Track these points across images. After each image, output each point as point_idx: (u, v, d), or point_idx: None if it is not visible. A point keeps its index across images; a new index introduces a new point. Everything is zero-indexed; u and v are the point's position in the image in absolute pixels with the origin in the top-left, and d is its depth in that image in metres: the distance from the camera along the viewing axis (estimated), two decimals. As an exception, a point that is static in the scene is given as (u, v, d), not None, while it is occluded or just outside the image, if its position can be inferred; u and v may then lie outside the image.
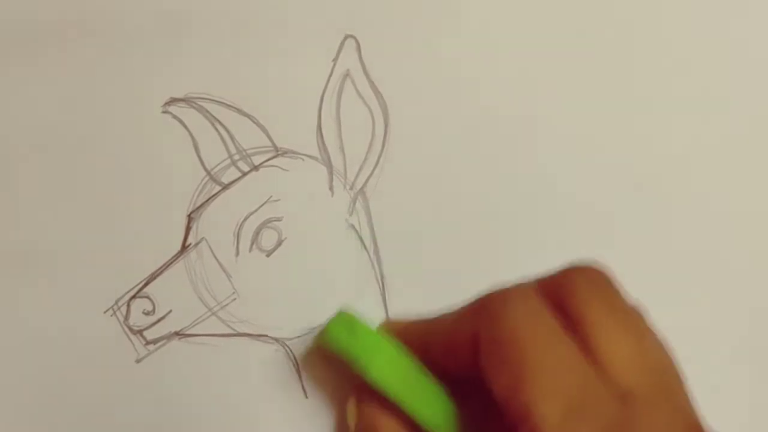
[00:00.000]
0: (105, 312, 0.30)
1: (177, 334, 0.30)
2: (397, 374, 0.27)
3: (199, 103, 0.31)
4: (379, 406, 0.27)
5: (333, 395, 0.30)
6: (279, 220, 0.31)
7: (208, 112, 0.31)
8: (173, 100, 0.31)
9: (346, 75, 0.32)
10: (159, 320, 0.30)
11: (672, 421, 0.23)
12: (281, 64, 0.32)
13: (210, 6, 0.32)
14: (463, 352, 0.26)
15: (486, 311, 0.25)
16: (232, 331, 0.30)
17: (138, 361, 0.30)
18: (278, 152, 0.31)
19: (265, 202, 0.31)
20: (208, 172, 0.31)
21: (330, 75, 0.32)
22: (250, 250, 0.31)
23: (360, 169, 0.32)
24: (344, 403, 0.29)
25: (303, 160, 0.31)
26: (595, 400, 0.23)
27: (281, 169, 0.31)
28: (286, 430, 0.30)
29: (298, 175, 0.31)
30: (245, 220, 0.31)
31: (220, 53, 0.32)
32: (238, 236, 0.31)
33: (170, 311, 0.30)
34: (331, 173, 0.32)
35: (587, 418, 0.23)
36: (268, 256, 0.31)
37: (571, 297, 0.25)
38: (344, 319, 0.28)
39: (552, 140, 0.32)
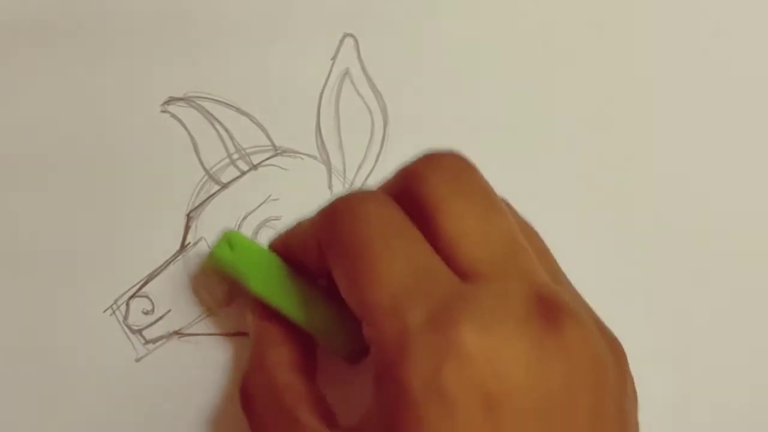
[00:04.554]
0: (104, 311, 0.30)
1: (176, 333, 0.30)
2: (275, 283, 0.27)
3: (198, 102, 0.31)
4: (268, 315, 0.28)
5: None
6: (278, 219, 0.31)
7: (207, 111, 0.31)
8: (172, 99, 0.31)
9: (345, 74, 0.32)
10: (158, 319, 0.30)
11: (512, 290, 0.22)
12: (280, 63, 0.32)
13: (209, 5, 0.32)
14: (317, 258, 0.26)
15: (326, 214, 0.25)
16: (231, 330, 0.30)
17: (137, 360, 0.30)
18: (277, 151, 0.31)
19: (264, 202, 0.31)
20: (207, 172, 0.31)
21: (329, 74, 0.32)
22: (250, 249, 0.31)
23: (359, 168, 0.32)
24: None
25: (302, 159, 0.31)
26: (431, 280, 0.23)
27: (280, 168, 0.31)
28: (286, 428, 0.30)
29: (297, 174, 0.31)
30: (244, 219, 0.31)
31: (218, 52, 0.32)
32: (237, 235, 0.31)
33: (169, 310, 0.30)
34: (330, 172, 0.32)
35: (418, 300, 0.22)
36: (267, 255, 0.31)
37: (419, 184, 0.24)
38: (227, 238, 0.28)
39: (552, 140, 0.32)
